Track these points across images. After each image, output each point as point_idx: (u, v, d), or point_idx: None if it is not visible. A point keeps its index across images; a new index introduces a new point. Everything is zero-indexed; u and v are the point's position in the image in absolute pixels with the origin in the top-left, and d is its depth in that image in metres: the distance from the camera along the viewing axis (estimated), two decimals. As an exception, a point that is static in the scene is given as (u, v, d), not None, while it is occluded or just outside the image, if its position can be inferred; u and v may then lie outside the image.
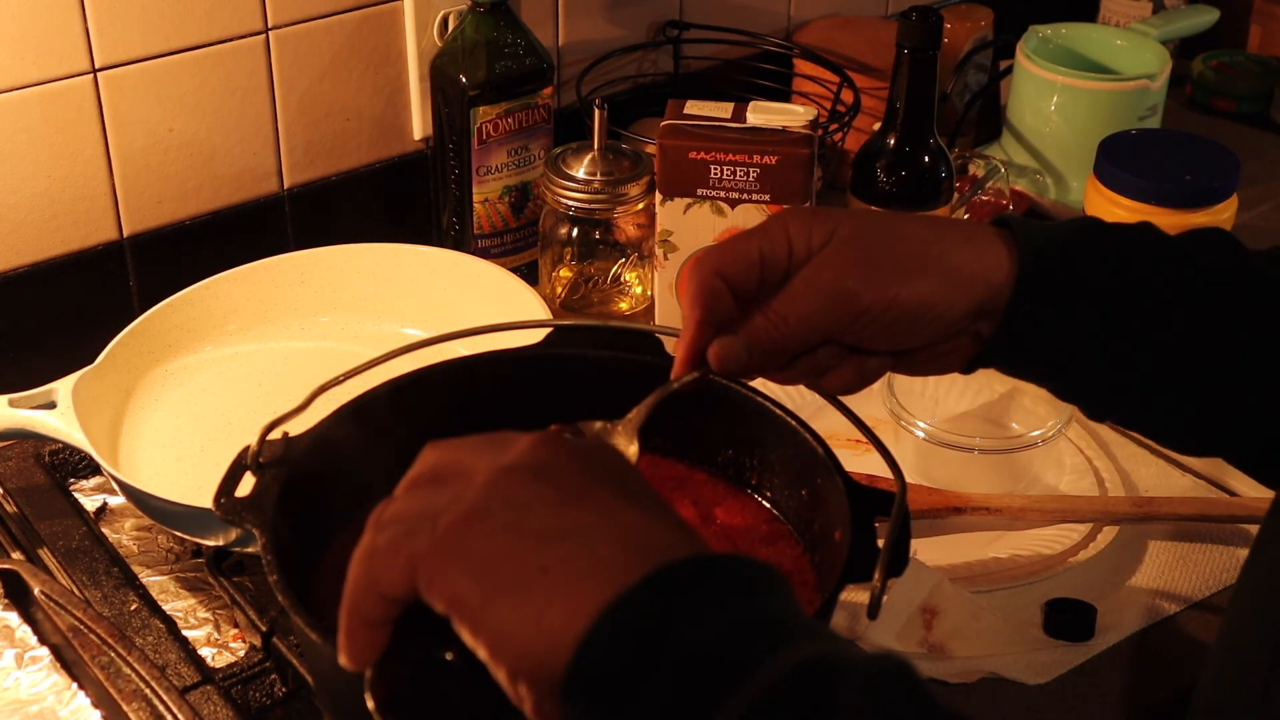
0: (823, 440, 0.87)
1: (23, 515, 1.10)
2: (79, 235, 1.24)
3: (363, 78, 1.35)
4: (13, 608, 1.02)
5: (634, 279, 1.30)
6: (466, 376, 0.93)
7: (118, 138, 1.23)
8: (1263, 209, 1.56)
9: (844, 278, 0.75)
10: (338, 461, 0.88)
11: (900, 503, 0.78)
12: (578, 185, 1.25)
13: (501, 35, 1.29)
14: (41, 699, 0.95)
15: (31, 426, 1.07)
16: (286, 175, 1.34)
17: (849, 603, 1.00)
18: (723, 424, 0.93)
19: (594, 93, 1.45)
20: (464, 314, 1.22)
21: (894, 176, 1.26)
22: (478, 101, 1.29)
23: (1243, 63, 1.78)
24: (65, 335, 1.23)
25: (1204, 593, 1.06)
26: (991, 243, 0.77)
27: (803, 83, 1.56)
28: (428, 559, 0.58)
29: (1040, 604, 1.02)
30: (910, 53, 1.22)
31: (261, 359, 1.22)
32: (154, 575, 1.06)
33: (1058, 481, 1.14)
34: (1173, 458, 1.18)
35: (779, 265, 0.77)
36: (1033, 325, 0.77)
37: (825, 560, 0.86)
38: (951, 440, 1.11)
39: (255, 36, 1.27)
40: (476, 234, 1.35)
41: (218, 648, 1.01)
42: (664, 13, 1.52)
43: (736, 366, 0.76)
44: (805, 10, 1.63)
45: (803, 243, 0.76)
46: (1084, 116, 1.48)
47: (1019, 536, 1.09)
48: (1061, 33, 1.56)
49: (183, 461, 1.12)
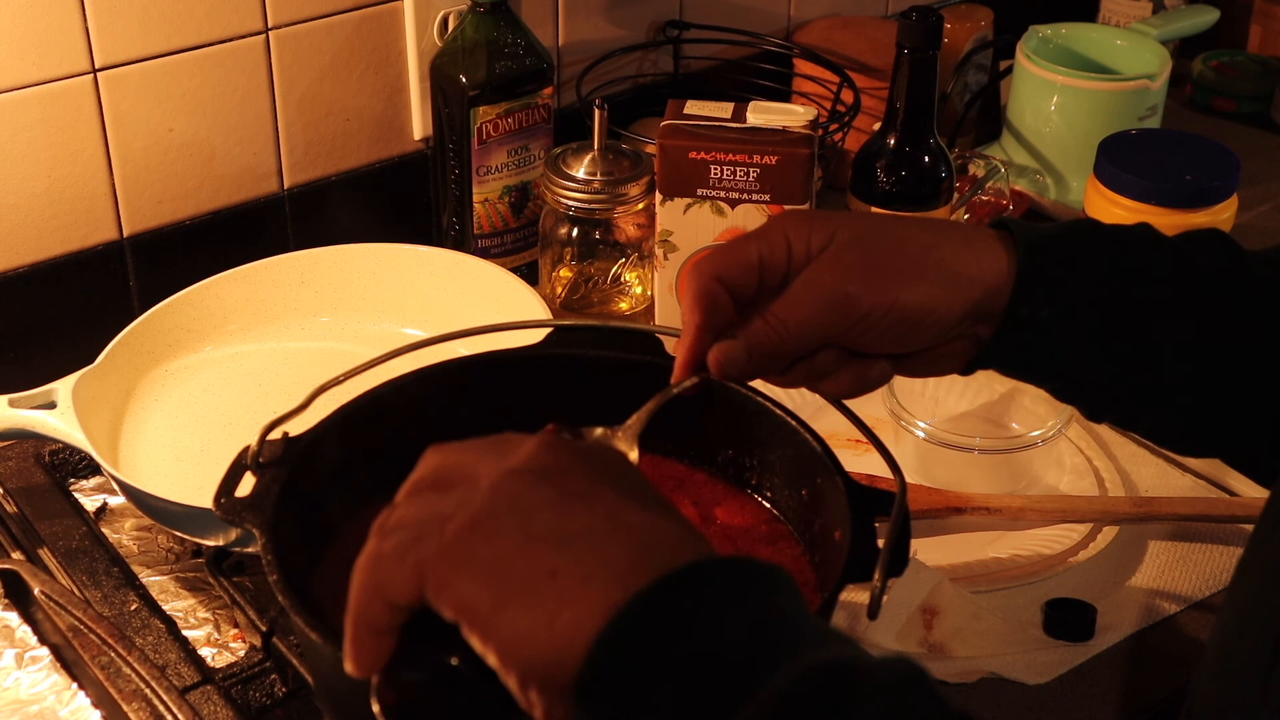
0: (823, 440, 0.87)
1: (23, 515, 1.10)
2: (79, 235, 1.24)
3: (363, 78, 1.35)
4: (13, 608, 1.02)
5: (634, 279, 1.30)
6: (466, 376, 0.93)
7: (118, 138, 1.23)
8: (1263, 209, 1.56)
9: (843, 282, 0.75)
10: (338, 461, 0.88)
11: (900, 503, 0.78)
12: (578, 185, 1.25)
13: (501, 35, 1.29)
14: (41, 699, 0.95)
15: (31, 426, 1.07)
16: (286, 175, 1.34)
17: (849, 603, 1.00)
18: (723, 424, 0.93)
19: (594, 93, 1.45)
20: (464, 314, 1.22)
21: (894, 177, 1.26)
22: (478, 101, 1.29)
23: (1243, 63, 1.78)
24: (65, 335, 1.23)
25: (1203, 593, 1.06)
26: (990, 246, 0.77)
27: (803, 83, 1.56)
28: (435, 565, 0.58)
29: (1040, 604, 1.02)
30: (910, 53, 1.22)
31: (261, 359, 1.22)
32: (154, 575, 1.06)
33: (1058, 481, 1.14)
34: (1173, 458, 1.18)
35: (778, 269, 0.77)
36: (1031, 328, 0.77)
37: (825, 560, 0.86)
38: (951, 440, 1.11)
39: (255, 36, 1.27)
40: (476, 234, 1.35)
41: (218, 648, 1.01)
42: (664, 13, 1.52)
43: (736, 371, 0.76)
44: (805, 10, 1.63)
45: (801, 246, 0.77)
46: (1084, 116, 1.48)
47: (1019, 536, 1.09)
48: (1061, 33, 1.56)
49: (183, 461, 1.12)
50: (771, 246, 0.77)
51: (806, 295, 0.76)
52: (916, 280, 0.76)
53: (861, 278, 0.75)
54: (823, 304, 0.75)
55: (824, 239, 0.76)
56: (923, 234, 0.78)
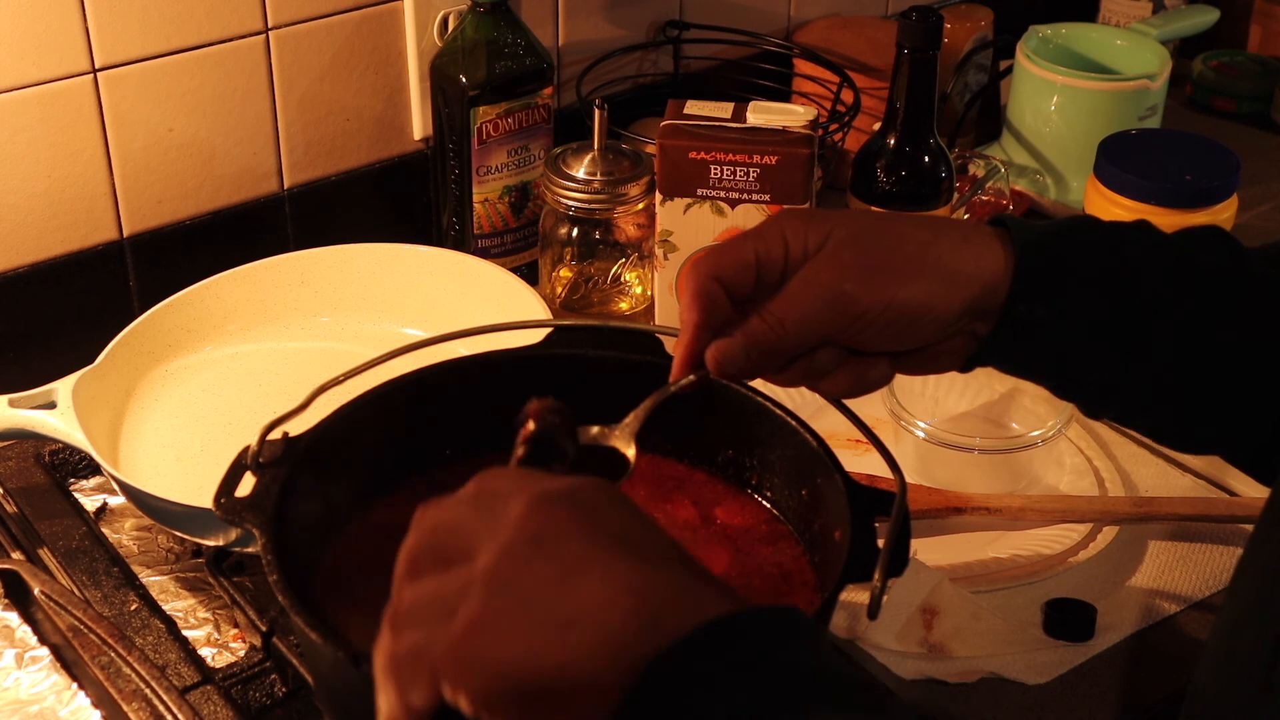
0: (823, 440, 0.87)
1: (23, 515, 1.10)
2: (79, 235, 1.24)
3: (363, 78, 1.35)
4: (13, 608, 1.02)
5: (634, 279, 1.30)
6: (466, 376, 0.93)
7: (118, 138, 1.23)
8: (1263, 209, 1.56)
9: (841, 280, 0.75)
10: (338, 461, 0.88)
11: (900, 503, 0.78)
12: (578, 185, 1.25)
13: (501, 35, 1.29)
14: (41, 699, 0.95)
15: (31, 426, 1.07)
16: (286, 175, 1.34)
17: (849, 603, 1.00)
18: (723, 424, 0.93)
19: (594, 93, 1.45)
20: (464, 314, 1.22)
21: (894, 176, 1.26)
22: (478, 101, 1.29)
23: (1243, 63, 1.78)
24: (65, 335, 1.23)
25: (1204, 593, 1.06)
26: (988, 243, 0.77)
27: (803, 83, 1.56)
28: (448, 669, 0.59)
29: (1040, 604, 1.02)
30: (910, 53, 1.22)
31: (261, 359, 1.22)
32: (154, 575, 1.06)
33: (1058, 481, 1.14)
34: (1173, 457, 1.18)
35: (775, 267, 0.77)
36: (1028, 325, 0.77)
37: (825, 560, 0.86)
38: (951, 440, 1.11)
39: (255, 36, 1.27)
40: (476, 234, 1.35)
41: (218, 648, 1.01)
42: (664, 13, 1.52)
43: (734, 369, 0.76)
44: (805, 10, 1.63)
45: (799, 244, 0.77)
46: (1084, 116, 1.48)
47: (1019, 536, 1.09)
48: (1061, 33, 1.56)
49: (183, 461, 1.12)
50: (768, 245, 0.77)
51: (804, 293, 0.76)
52: (914, 278, 0.76)
53: (859, 276, 0.75)
54: (820, 302, 0.75)
55: (821, 237, 0.76)
56: (920, 232, 0.78)
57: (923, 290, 0.76)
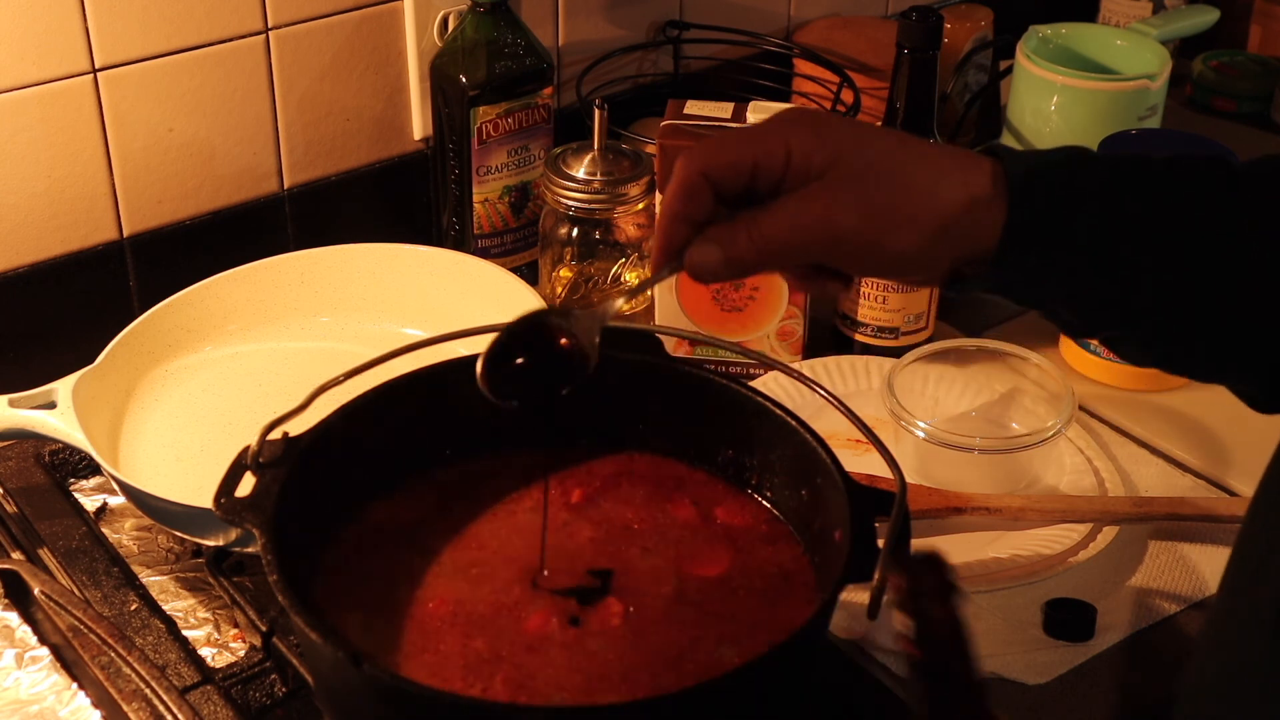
0: (823, 440, 0.87)
1: (23, 515, 1.10)
2: (79, 235, 1.24)
3: (363, 78, 1.35)
4: (13, 608, 1.02)
5: (634, 279, 1.31)
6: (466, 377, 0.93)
7: (118, 138, 1.23)
8: (1263, 209, 1.56)
9: (837, 216, 0.74)
10: (338, 461, 0.88)
11: (900, 503, 0.78)
12: (578, 185, 1.25)
13: (501, 35, 1.29)
14: (41, 699, 0.95)
15: (31, 426, 1.07)
16: (286, 175, 1.34)
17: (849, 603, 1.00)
18: (723, 424, 0.93)
19: (594, 93, 1.45)
20: (464, 314, 1.22)
21: (894, 176, 1.26)
22: (478, 101, 1.29)
23: (1243, 63, 1.78)
24: (65, 335, 1.23)
25: (1203, 593, 1.06)
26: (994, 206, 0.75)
27: (803, 83, 1.56)
28: None
29: (1040, 604, 1.02)
30: (910, 53, 1.22)
31: (261, 359, 1.22)
32: (154, 575, 1.06)
33: (1058, 481, 1.14)
34: (1173, 457, 1.18)
35: (772, 178, 0.76)
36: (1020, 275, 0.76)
37: (825, 560, 0.86)
38: (951, 440, 1.11)
39: (255, 36, 1.27)
40: (476, 234, 1.35)
41: (218, 648, 1.01)
42: (664, 13, 1.52)
43: (710, 279, 0.77)
44: (805, 10, 1.63)
45: (801, 160, 0.75)
46: (1084, 116, 1.48)
47: (1019, 536, 1.09)
48: (1061, 33, 1.56)
49: (183, 461, 1.12)
50: (770, 155, 0.75)
51: (795, 221, 0.75)
52: (909, 231, 0.75)
53: (855, 218, 0.75)
54: (809, 232, 0.75)
55: (826, 161, 0.75)
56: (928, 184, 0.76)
57: (914, 244, 0.75)
